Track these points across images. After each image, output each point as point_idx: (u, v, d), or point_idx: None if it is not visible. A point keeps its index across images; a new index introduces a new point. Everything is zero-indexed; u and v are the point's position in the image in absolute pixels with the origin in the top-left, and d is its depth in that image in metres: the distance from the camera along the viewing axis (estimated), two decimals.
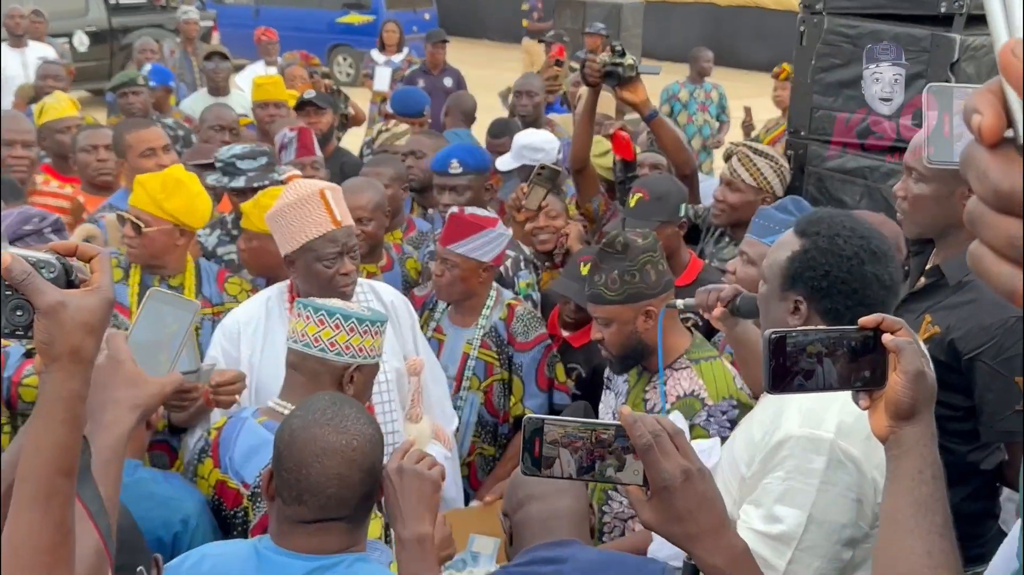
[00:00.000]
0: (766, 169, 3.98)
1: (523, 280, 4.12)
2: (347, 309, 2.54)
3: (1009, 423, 2.64)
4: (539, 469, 1.42)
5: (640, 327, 2.88)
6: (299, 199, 2.92)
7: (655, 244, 2.90)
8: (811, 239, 2.17)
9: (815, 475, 2.07)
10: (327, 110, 5.97)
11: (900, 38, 3.89)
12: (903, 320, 1.53)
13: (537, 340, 3.68)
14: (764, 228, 3.29)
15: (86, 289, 1.33)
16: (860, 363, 1.51)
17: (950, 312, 2.75)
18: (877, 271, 2.14)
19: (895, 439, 1.48)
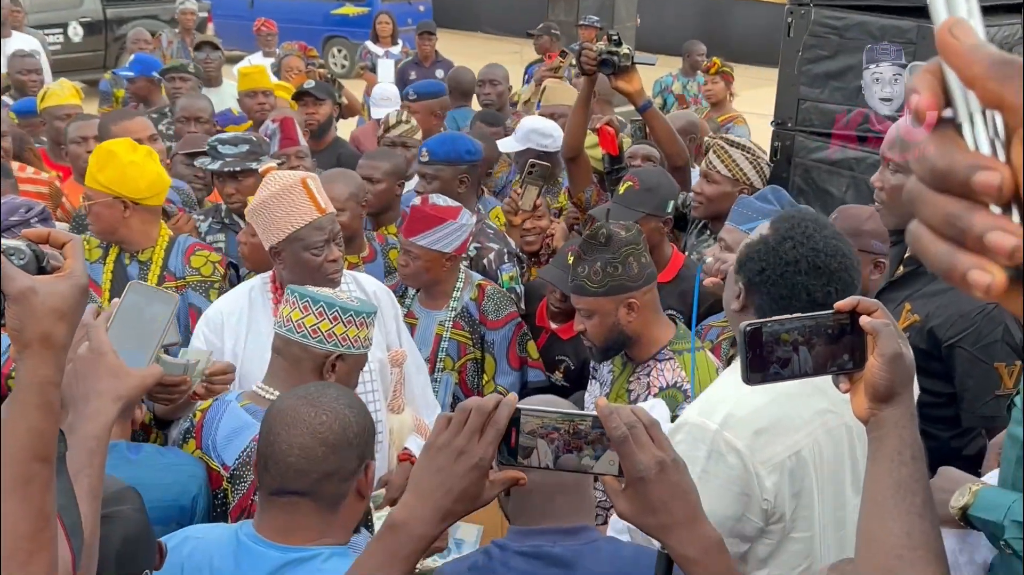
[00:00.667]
0: (742, 161, 3.98)
1: (507, 273, 4.12)
2: (333, 298, 2.56)
3: (989, 408, 2.68)
4: (515, 459, 1.42)
5: (622, 319, 2.88)
6: (281, 190, 2.92)
7: (639, 236, 2.91)
8: (770, 233, 2.16)
9: (697, 463, 2.07)
10: (326, 100, 5.94)
11: (886, 30, 3.92)
12: (879, 301, 1.54)
13: (508, 318, 3.72)
14: (742, 216, 3.32)
15: (57, 275, 1.34)
16: (838, 347, 1.51)
17: (929, 300, 2.79)
18: (810, 285, 2.09)
19: (875, 421, 1.48)
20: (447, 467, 1.41)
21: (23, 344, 1.29)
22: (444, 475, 1.41)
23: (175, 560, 1.97)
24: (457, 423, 1.42)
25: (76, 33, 10.72)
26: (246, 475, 2.43)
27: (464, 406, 1.42)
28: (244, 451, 2.44)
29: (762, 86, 14.67)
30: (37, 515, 1.28)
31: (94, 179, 3.44)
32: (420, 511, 1.42)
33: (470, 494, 1.42)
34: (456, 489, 1.41)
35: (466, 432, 1.41)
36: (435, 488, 1.42)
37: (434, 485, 1.42)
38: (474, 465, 1.40)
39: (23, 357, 1.29)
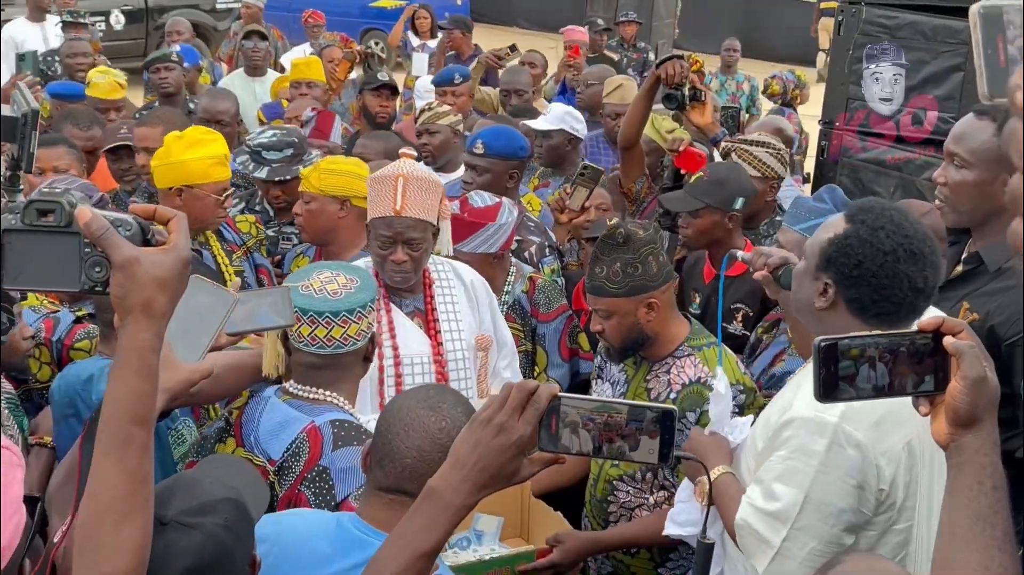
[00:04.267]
0: (765, 156, 4.01)
1: (548, 266, 4.12)
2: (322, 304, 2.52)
3: None
4: (555, 445, 1.46)
5: (642, 318, 2.86)
6: (383, 176, 3.02)
7: (656, 235, 2.90)
8: (855, 226, 2.14)
9: (815, 456, 2.08)
10: (397, 95, 5.92)
11: (938, 30, 3.89)
12: (963, 322, 1.50)
13: (559, 311, 3.70)
14: (796, 216, 3.30)
15: (162, 248, 1.38)
16: (919, 368, 1.46)
17: (989, 298, 2.75)
18: (911, 272, 2.09)
19: (956, 447, 1.43)
20: (485, 441, 1.45)
21: (125, 311, 1.34)
22: (482, 449, 1.45)
23: (271, 531, 1.98)
24: (500, 401, 1.46)
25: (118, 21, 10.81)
26: (294, 467, 2.43)
27: (507, 385, 1.46)
28: (292, 443, 2.42)
29: None
30: (132, 477, 1.33)
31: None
32: (455, 481, 1.47)
33: (506, 470, 1.46)
34: (493, 464, 1.45)
35: (507, 409, 1.44)
36: (472, 461, 1.46)
37: (472, 458, 1.46)
38: (512, 442, 1.44)
39: (125, 323, 1.34)
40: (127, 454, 1.32)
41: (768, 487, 2.17)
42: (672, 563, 2.93)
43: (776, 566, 2.15)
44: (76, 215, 1.33)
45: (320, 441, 2.38)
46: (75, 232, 1.33)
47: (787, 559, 2.14)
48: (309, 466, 2.37)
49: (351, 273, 2.63)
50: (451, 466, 1.48)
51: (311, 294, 2.52)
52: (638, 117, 4.39)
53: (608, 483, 2.96)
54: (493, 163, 4.12)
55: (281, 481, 2.44)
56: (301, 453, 2.39)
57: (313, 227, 3.81)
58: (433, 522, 1.49)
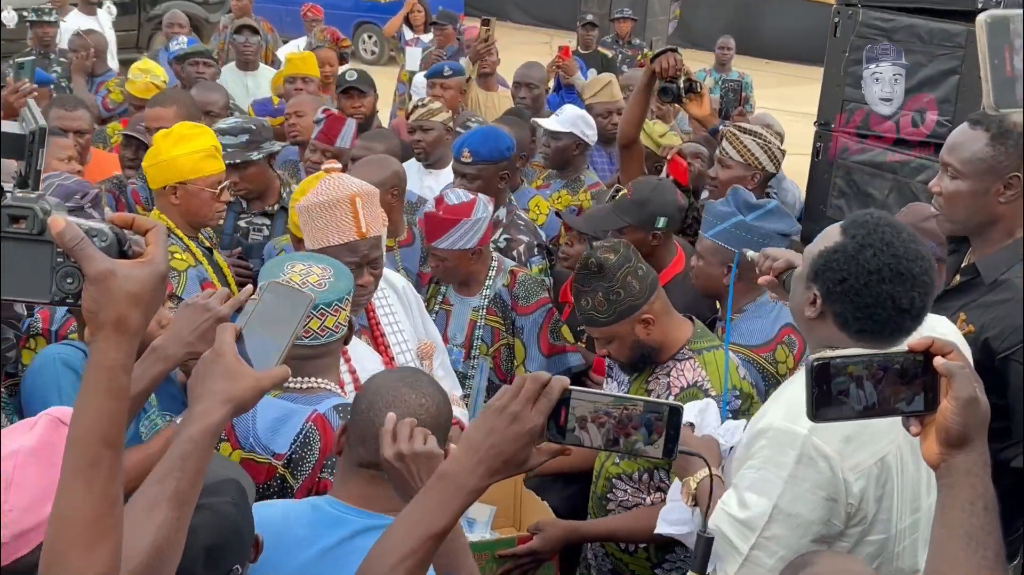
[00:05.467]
0: (752, 146, 4.04)
1: (536, 265, 4.16)
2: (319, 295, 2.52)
3: None
4: (563, 437, 1.49)
5: (641, 335, 2.86)
6: (330, 201, 2.86)
7: (629, 252, 2.87)
8: (845, 240, 2.12)
9: (785, 468, 2.10)
10: (370, 93, 5.88)
11: (935, 33, 3.87)
12: (954, 343, 1.48)
13: (538, 304, 3.74)
14: (707, 223, 3.36)
15: (138, 261, 1.33)
16: (909, 387, 1.46)
17: (985, 311, 2.75)
18: (895, 292, 2.06)
19: (946, 467, 1.43)
20: (499, 429, 1.50)
21: (97, 326, 1.29)
22: (496, 436, 1.50)
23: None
24: (514, 390, 1.50)
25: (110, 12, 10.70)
26: (308, 457, 2.44)
27: (521, 377, 1.50)
28: (300, 434, 2.43)
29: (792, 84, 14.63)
30: (101, 499, 1.28)
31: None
32: (468, 464, 1.52)
33: (518, 458, 1.51)
34: (506, 451, 1.50)
35: (521, 399, 1.49)
36: (486, 446, 1.51)
37: (485, 443, 1.51)
38: (526, 431, 1.49)
39: (96, 340, 1.29)
40: (95, 476, 1.27)
41: (741, 495, 2.19)
42: (669, 564, 2.93)
43: (744, 572, 2.17)
44: (49, 224, 1.27)
45: (330, 427, 2.41)
46: (48, 241, 1.27)
47: (755, 566, 2.16)
48: (326, 452, 2.40)
49: (320, 262, 2.63)
50: (464, 451, 1.53)
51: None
52: (637, 114, 4.39)
53: (608, 480, 2.98)
54: (482, 169, 4.13)
55: (296, 472, 2.45)
56: (312, 442, 2.42)
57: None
58: (445, 503, 1.53)
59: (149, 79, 5.90)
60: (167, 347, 2.16)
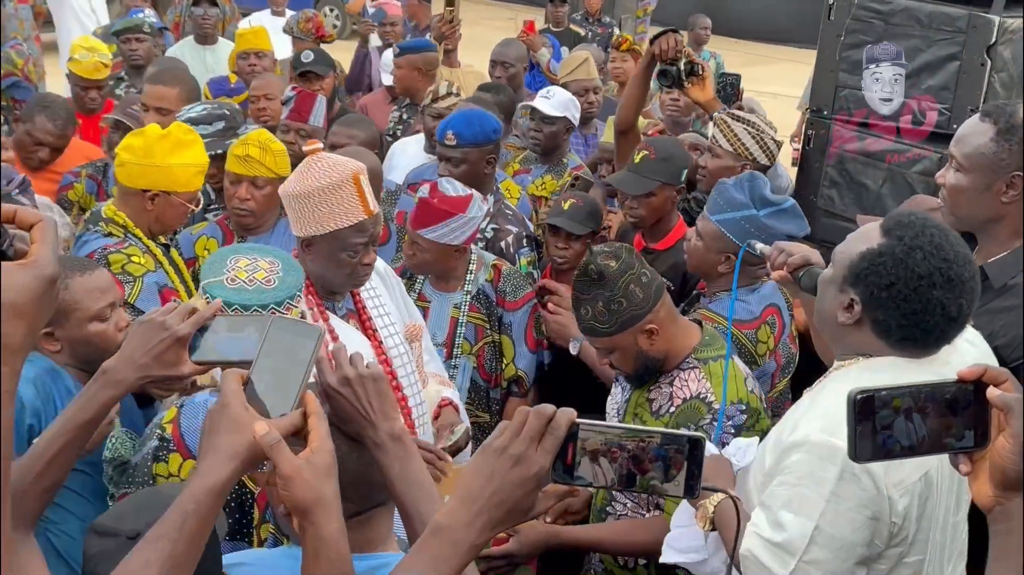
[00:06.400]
0: (744, 135, 3.93)
1: (525, 257, 4.04)
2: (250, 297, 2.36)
3: None
4: (571, 477, 1.31)
5: (644, 346, 2.70)
6: (332, 184, 2.70)
7: (631, 258, 2.70)
8: (891, 242, 2.00)
9: (826, 485, 1.97)
10: (328, 74, 5.70)
11: (935, 17, 3.70)
12: (1007, 371, 1.33)
13: (525, 299, 3.66)
14: (716, 205, 3.25)
15: (20, 263, 1.12)
16: (958, 421, 1.32)
17: (993, 317, 2.60)
18: (945, 299, 1.97)
19: (1001, 511, 1.29)
20: (501, 473, 1.31)
21: None
22: (498, 482, 1.31)
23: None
24: (515, 428, 1.32)
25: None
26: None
27: (522, 411, 1.33)
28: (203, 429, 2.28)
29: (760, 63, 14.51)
30: None
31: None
32: (466, 516, 1.32)
33: (522, 505, 1.32)
34: (509, 499, 1.31)
35: (524, 438, 1.31)
36: (487, 495, 1.32)
37: (486, 491, 1.32)
38: (531, 475, 1.30)
39: None
40: None
41: (775, 516, 2.02)
42: None
43: None
44: None
45: None
46: None
47: None
48: None
49: (267, 255, 2.46)
50: (462, 500, 1.33)
51: (242, 287, 2.34)
52: (635, 98, 4.29)
53: (608, 491, 2.83)
54: (467, 152, 3.92)
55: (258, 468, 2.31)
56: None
57: (263, 211, 3.68)
58: (440, 563, 1.32)
59: (97, 58, 5.53)
60: (117, 370, 1.88)
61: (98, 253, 3.28)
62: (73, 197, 4.40)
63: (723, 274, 3.26)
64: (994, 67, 3.56)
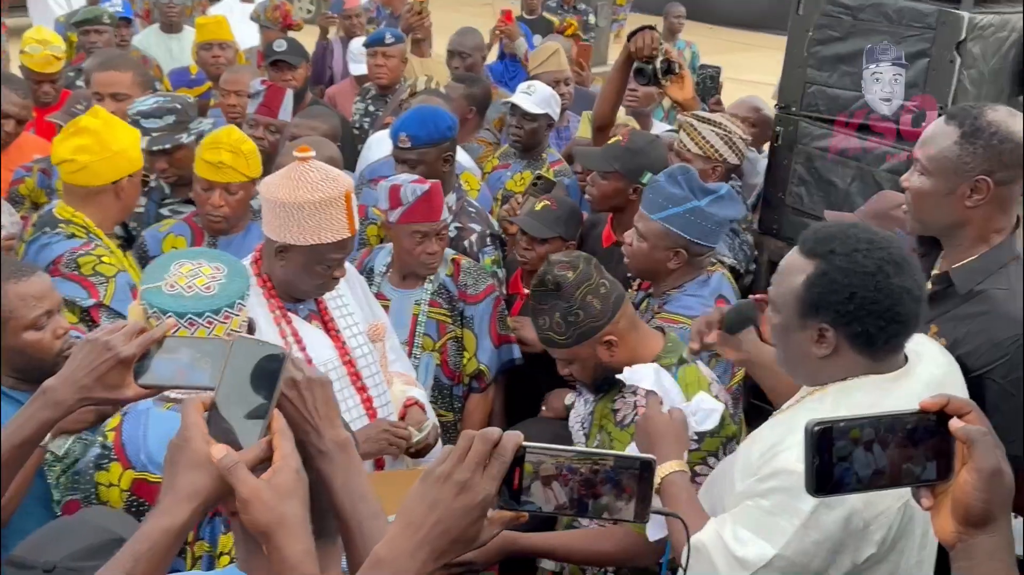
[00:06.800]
0: (711, 136, 3.88)
1: (488, 256, 3.97)
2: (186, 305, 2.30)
3: (1018, 447, 2.44)
4: (517, 502, 1.25)
5: (604, 357, 2.65)
6: (326, 200, 2.68)
7: (589, 268, 2.64)
8: (826, 259, 1.97)
9: (799, 516, 1.94)
10: (300, 64, 5.59)
11: (904, 13, 3.65)
12: (973, 402, 1.28)
13: (487, 292, 3.63)
14: (653, 203, 3.21)
15: None
16: (919, 453, 1.27)
17: (959, 324, 2.54)
18: (905, 283, 1.96)
19: (964, 549, 1.24)
20: (446, 501, 1.24)
21: None
22: (442, 510, 1.25)
23: None
24: (460, 452, 1.26)
25: None
26: None
27: (467, 435, 1.26)
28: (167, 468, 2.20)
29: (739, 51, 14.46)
30: None
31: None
32: (408, 547, 1.25)
33: (467, 535, 1.26)
34: (454, 528, 1.25)
35: (469, 463, 1.24)
36: (429, 524, 1.25)
37: (429, 520, 1.25)
38: (477, 502, 1.24)
39: None
40: None
41: (740, 531, 2.00)
42: None
43: None
44: None
45: None
46: None
47: None
48: None
49: (213, 260, 2.40)
50: (402, 529, 1.26)
51: (180, 293, 2.28)
52: (612, 94, 4.24)
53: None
54: (423, 153, 3.84)
55: None
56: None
57: (237, 216, 3.62)
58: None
59: (49, 51, 5.36)
60: (57, 391, 1.79)
61: (67, 256, 3.20)
62: (24, 191, 4.29)
63: (672, 271, 3.23)
64: (964, 63, 3.52)
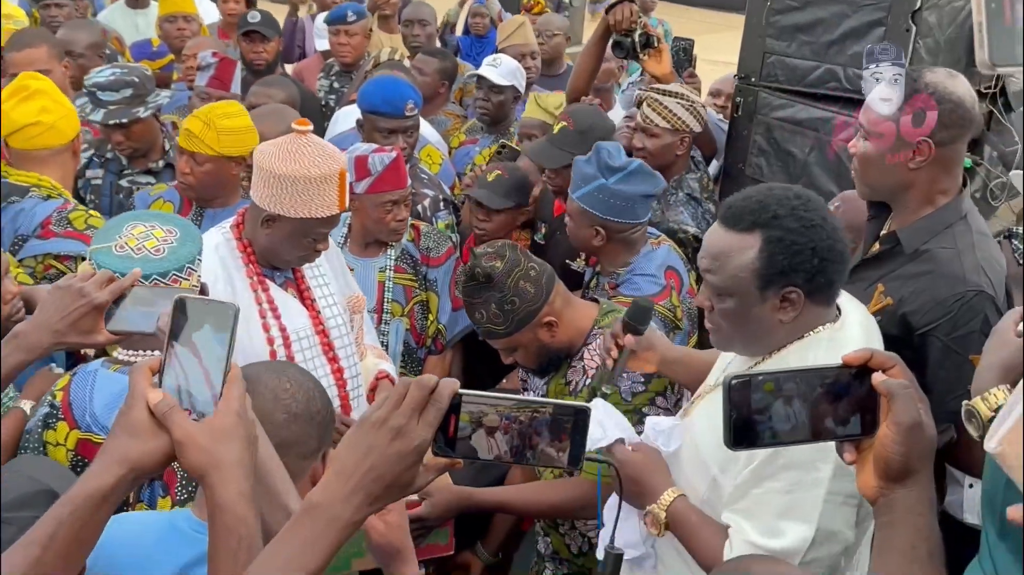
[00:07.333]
0: (677, 108, 3.91)
1: (442, 221, 4.01)
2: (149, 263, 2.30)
3: (960, 403, 2.48)
4: (452, 449, 1.26)
5: (545, 339, 2.68)
6: (322, 176, 2.70)
7: (516, 255, 2.67)
8: (771, 227, 2.01)
9: (821, 485, 1.96)
10: (273, 38, 5.57)
11: None
12: (896, 356, 1.29)
13: (448, 253, 3.68)
14: (574, 183, 3.28)
15: None
16: (843, 408, 1.27)
17: (904, 283, 2.58)
18: (836, 223, 2.06)
19: (885, 503, 1.25)
20: (380, 447, 1.24)
21: None
22: (376, 456, 1.24)
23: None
24: (395, 399, 1.25)
25: None
26: None
27: (403, 382, 1.26)
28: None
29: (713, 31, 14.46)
30: None
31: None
32: (342, 492, 1.25)
33: (402, 480, 1.25)
34: (388, 473, 1.24)
35: (404, 409, 1.23)
36: (363, 469, 1.24)
37: (363, 466, 1.24)
38: (411, 448, 1.23)
39: None
40: None
41: (769, 524, 2.00)
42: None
43: None
44: None
45: None
46: None
47: None
48: None
49: (167, 223, 2.38)
50: (335, 475, 1.26)
51: (129, 254, 2.26)
52: (588, 67, 4.26)
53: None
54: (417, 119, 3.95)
55: None
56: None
57: (204, 187, 3.58)
58: (315, 541, 1.25)
59: (12, 25, 5.24)
60: (30, 335, 1.84)
61: (55, 216, 3.21)
62: None
63: (600, 248, 3.30)
64: (919, 33, 3.53)
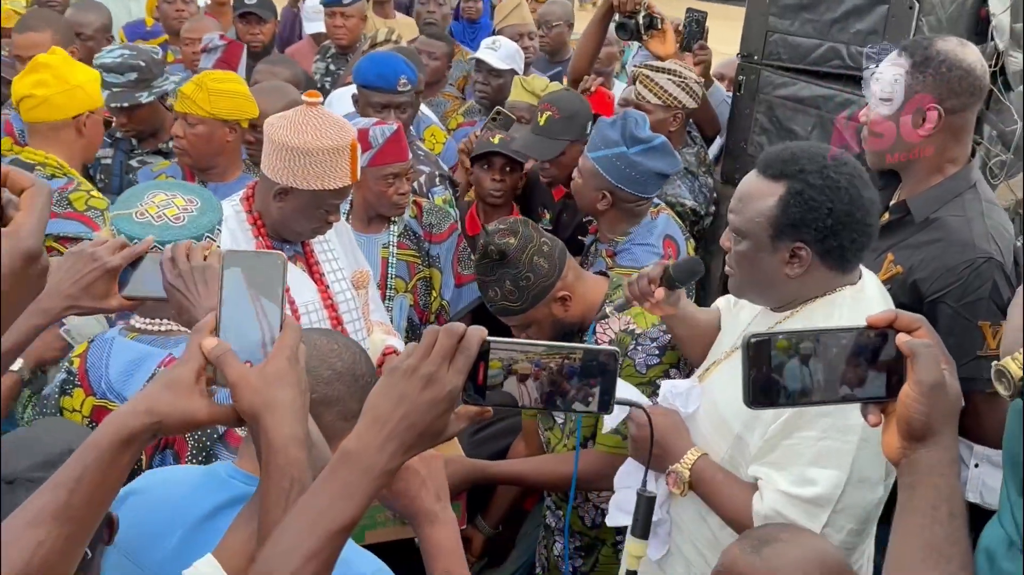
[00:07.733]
0: (668, 85, 3.91)
1: (439, 196, 3.98)
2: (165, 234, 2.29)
3: (970, 370, 2.48)
4: (483, 397, 1.25)
5: (560, 314, 2.68)
6: (335, 148, 2.69)
7: (528, 230, 2.67)
8: (796, 179, 2.02)
9: (854, 431, 1.97)
10: (270, 20, 5.56)
11: None
12: (922, 317, 1.28)
13: (450, 230, 3.68)
14: (593, 143, 3.29)
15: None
16: (868, 370, 1.26)
17: (914, 251, 2.59)
18: (871, 195, 2.04)
19: (907, 464, 1.24)
20: (412, 395, 1.23)
21: None
22: (408, 404, 1.24)
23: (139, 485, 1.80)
24: (425, 347, 1.24)
25: None
26: None
27: (432, 330, 1.25)
28: (151, 379, 2.23)
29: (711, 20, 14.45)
30: None
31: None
32: (376, 440, 1.25)
33: (434, 428, 1.25)
34: (420, 421, 1.24)
35: (435, 357, 1.23)
36: (396, 418, 1.24)
37: (396, 414, 1.24)
38: (443, 395, 1.23)
39: None
40: None
41: (801, 473, 2.01)
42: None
43: None
44: None
45: None
46: None
47: None
48: None
49: (189, 193, 2.39)
50: (369, 424, 1.26)
51: (149, 221, 2.27)
52: (590, 48, 4.26)
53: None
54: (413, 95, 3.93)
55: None
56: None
57: (198, 151, 3.55)
58: (350, 491, 1.24)
59: (10, 6, 5.29)
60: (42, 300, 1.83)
61: (56, 195, 3.19)
62: None
63: (603, 212, 3.30)
64: (922, 10, 3.53)
